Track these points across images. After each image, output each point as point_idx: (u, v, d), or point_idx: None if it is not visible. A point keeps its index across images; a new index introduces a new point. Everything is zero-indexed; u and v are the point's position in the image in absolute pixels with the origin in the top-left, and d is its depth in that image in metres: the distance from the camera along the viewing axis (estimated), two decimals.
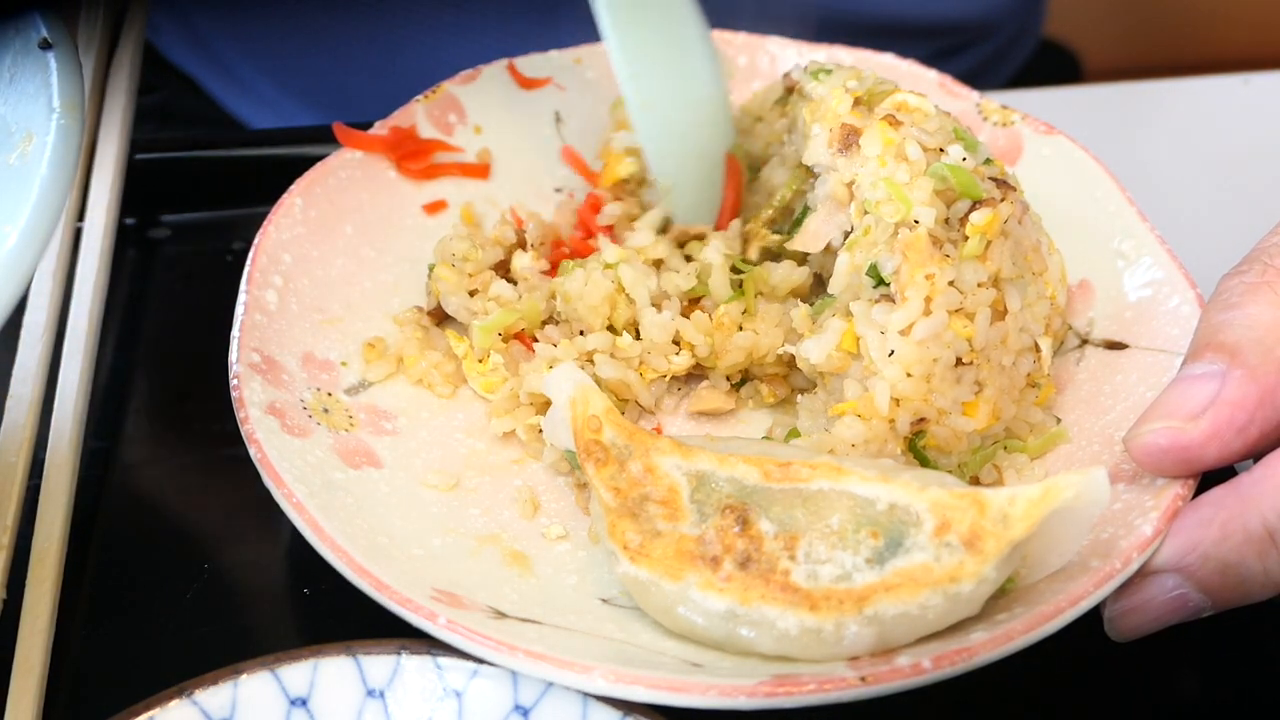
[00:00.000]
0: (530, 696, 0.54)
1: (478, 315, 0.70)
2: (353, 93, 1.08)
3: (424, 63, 1.00)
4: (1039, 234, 0.68)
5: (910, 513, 0.54)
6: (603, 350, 0.68)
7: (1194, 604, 0.55)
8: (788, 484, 0.56)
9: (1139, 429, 0.56)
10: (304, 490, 0.58)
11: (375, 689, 0.54)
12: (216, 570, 0.67)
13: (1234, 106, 0.98)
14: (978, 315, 0.62)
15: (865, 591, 0.53)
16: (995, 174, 0.66)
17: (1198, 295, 0.65)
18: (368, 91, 1.06)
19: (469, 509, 0.64)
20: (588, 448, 0.59)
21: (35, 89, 0.61)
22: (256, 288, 0.68)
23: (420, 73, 0.84)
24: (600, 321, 0.68)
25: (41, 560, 0.63)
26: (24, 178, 0.56)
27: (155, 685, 0.53)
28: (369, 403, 0.68)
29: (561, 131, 0.82)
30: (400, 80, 0.85)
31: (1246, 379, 0.54)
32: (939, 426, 0.62)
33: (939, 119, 0.67)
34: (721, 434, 0.69)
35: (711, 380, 0.70)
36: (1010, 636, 0.52)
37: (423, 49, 1.04)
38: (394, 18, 1.03)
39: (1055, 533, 0.55)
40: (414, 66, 1.03)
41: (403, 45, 1.04)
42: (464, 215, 0.78)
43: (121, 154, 0.81)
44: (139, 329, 0.80)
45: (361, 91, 1.07)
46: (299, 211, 0.72)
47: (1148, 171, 0.79)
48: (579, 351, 0.68)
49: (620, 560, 0.56)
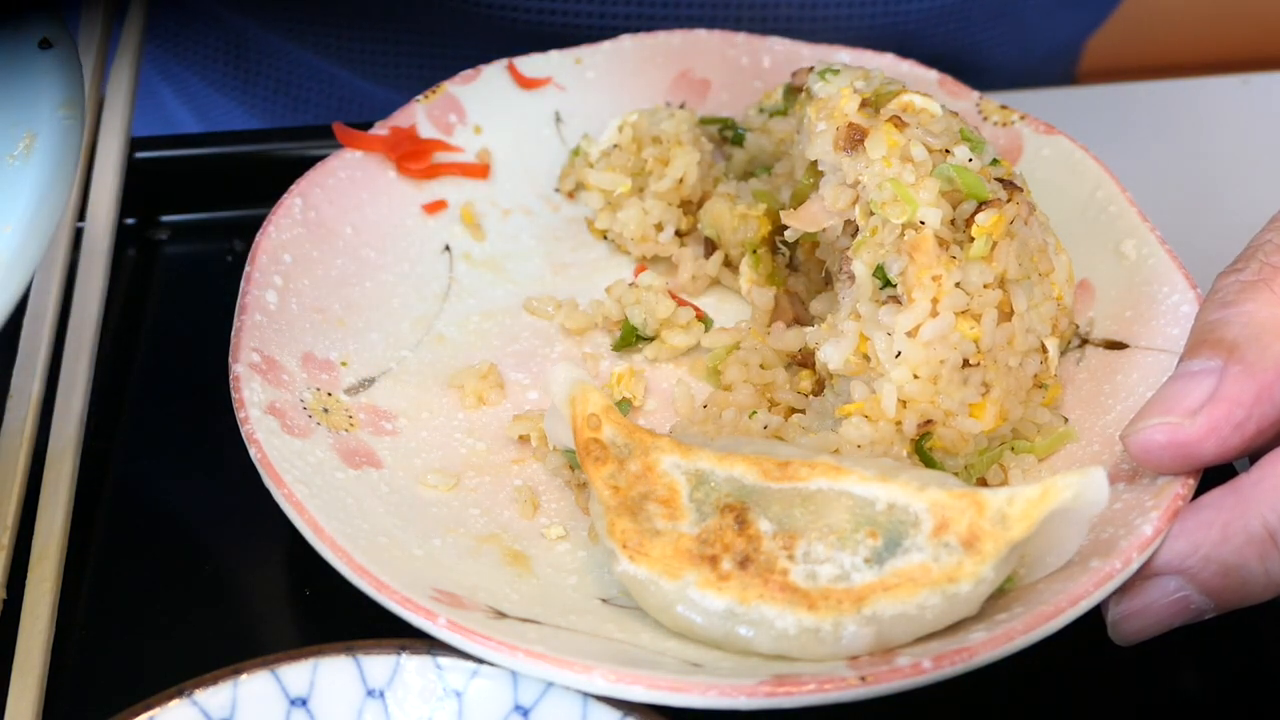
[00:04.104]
0: (530, 696, 0.54)
1: None
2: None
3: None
4: (1046, 234, 0.68)
5: (909, 513, 0.54)
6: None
7: (1196, 606, 0.55)
8: (787, 483, 0.56)
9: (1136, 425, 0.56)
10: (304, 490, 0.58)
11: (375, 689, 0.54)
12: (216, 570, 0.67)
13: (1233, 106, 0.98)
14: (984, 316, 0.62)
15: (864, 591, 0.53)
16: (1001, 174, 0.66)
17: (1197, 295, 0.65)
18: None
19: (469, 509, 0.64)
20: (587, 446, 0.59)
21: (35, 89, 0.61)
22: (256, 288, 0.68)
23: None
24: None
25: (41, 560, 0.63)
26: (25, 177, 0.56)
27: (155, 685, 0.53)
28: (369, 403, 0.68)
29: (561, 131, 0.82)
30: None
31: (1244, 375, 0.54)
32: (946, 428, 0.62)
33: (945, 120, 0.67)
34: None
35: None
36: (1010, 636, 0.52)
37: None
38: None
39: (1054, 533, 0.55)
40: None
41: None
42: (464, 215, 0.78)
43: (121, 154, 0.81)
44: (139, 329, 0.80)
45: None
46: (299, 211, 0.72)
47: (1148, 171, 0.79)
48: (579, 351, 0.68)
49: (619, 559, 0.56)
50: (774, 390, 0.69)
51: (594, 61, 0.83)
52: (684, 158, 0.76)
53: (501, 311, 0.75)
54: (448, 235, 0.77)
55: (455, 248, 0.77)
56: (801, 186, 0.71)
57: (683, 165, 0.76)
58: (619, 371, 0.71)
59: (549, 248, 0.79)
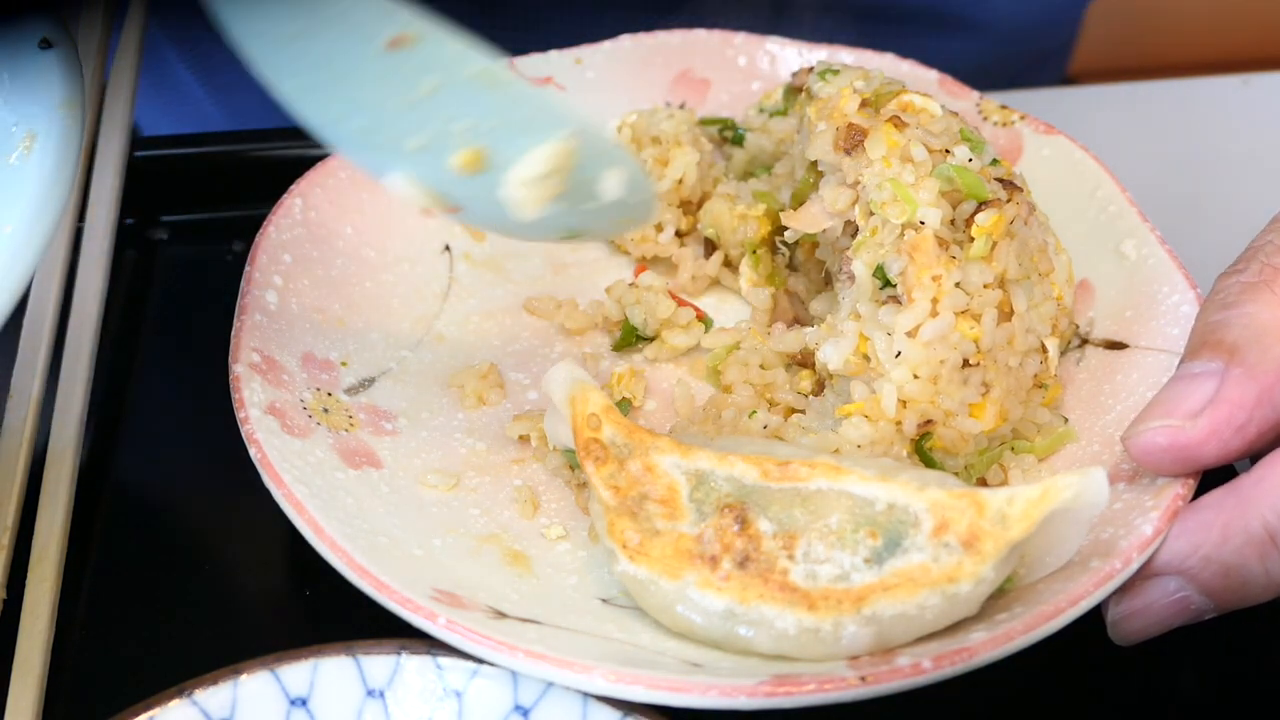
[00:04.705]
0: (530, 696, 0.54)
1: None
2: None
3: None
4: (1045, 234, 0.68)
5: (909, 513, 0.54)
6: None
7: (1196, 606, 0.55)
8: (786, 483, 0.57)
9: (1138, 427, 0.56)
10: (304, 490, 0.58)
11: (375, 689, 0.54)
12: (216, 570, 0.67)
13: (1234, 106, 0.98)
14: (984, 316, 0.62)
15: (863, 591, 0.53)
16: (1001, 174, 0.66)
17: (1197, 295, 0.65)
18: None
19: (469, 509, 0.64)
20: (587, 446, 0.59)
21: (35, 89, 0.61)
22: (256, 288, 0.68)
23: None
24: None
25: (41, 560, 0.63)
26: (24, 177, 0.56)
27: (155, 685, 0.53)
28: (369, 403, 0.68)
29: None
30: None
31: (1245, 377, 0.54)
32: (946, 428, 0.62)
33: (945, 120, 0.67)
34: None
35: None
36: (1010, 636, 0.52)
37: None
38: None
39: (1054, 533, 0.55)
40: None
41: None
42: None
43: (121, 154, 0.81)
44: (139, 329, 0.80)
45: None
46: (299, 212, 0.72)
47: (1148, 171, 0.79)
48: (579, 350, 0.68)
49: (619, 559, 0.56)
50: (774, 390, 0.69)
51: (594, 61, 0.83)
52: (684, 158, 0.76)
53: (501, 311, 0.75)
54: (448, 235, 0.77)
55: (455, 248, 0.77)
56: (801, 187, 0.71)
57: (682, 165, 0.76)
58: (619, 371, 0.71)
59: (549, 248, 0.79)
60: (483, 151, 0.53)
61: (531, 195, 0.53)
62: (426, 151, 0.54)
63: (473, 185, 0.54)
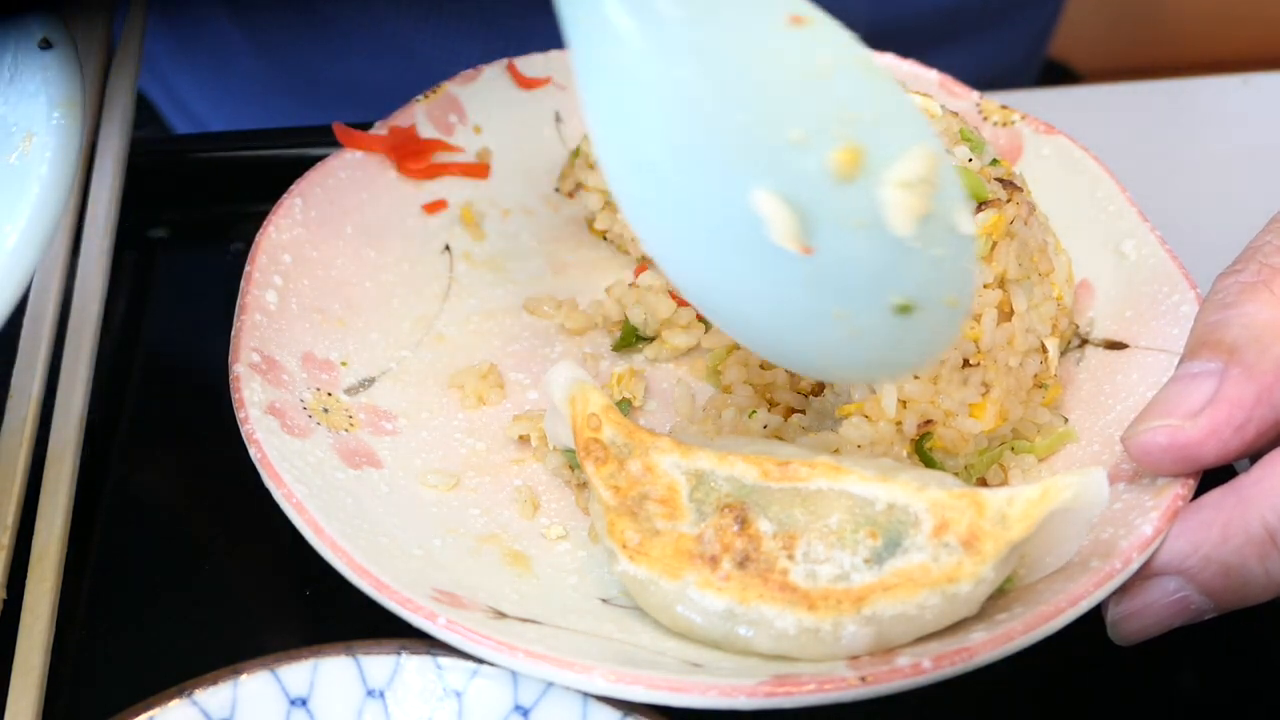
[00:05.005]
0: (530, 696, 0.54)
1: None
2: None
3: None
4: (1045, 234, 0.68)
5: (909, 513, 0.54)
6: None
7: (1196, 606, 0.55)
8: (786, 483, 0.57)
9: (1137, 427, 0.56)
10: (304, 490, 0.58)
11: (375, 689, 0.54)
12: (216, 570, 0.67)
13: (1234, 106, 0.98)
14: (984, 316, 0.62)
15: (863, 591, 0.53)
16: (1001, 174, 0.66)
17: (1197, 295, 0.65)
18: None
19: (469, 509, 0.64)
20: (587, 446, 0.59)
21: (35, 89, 0.61)
22: (256, 288, 0.68)
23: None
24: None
25: (41, 560, 0.63)
26: (24, 178, 0.56)
27: (155, 685, 0.53)
28: (369, 403, 0.68)
29: (561, 131, 0.82)
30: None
31: (1244, 377, 0.54)
32: (945, 428, 0.62)
33: (945, 120, 0.67)
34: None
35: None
36: (1010, 636, 0.52)
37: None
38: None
39: (1054, 533, 0.55)
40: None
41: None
42: (464, 215, 0.78)
43: (121, 154, 0.81)
44: (139, 329, 0.80)
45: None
46: (299, 211, 0.72)
47: (1148, 171, 0.79)
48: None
49: (619, 559, 0.56)
50: (774, 390, 0.69)
51: None
52: None
53: (501, 311, 0.75)
54: (448, 235, 0.77)
55: (455, 248, 0.77)
56: None
57: None
58: (619, 371, 0.71)
59: (549, 248, 0.79)
60: (861, 151, 0.47)
61: (909, 201, 0.48)
62: (805, 147, 0.47)
63: (843, 199, 0.48)
